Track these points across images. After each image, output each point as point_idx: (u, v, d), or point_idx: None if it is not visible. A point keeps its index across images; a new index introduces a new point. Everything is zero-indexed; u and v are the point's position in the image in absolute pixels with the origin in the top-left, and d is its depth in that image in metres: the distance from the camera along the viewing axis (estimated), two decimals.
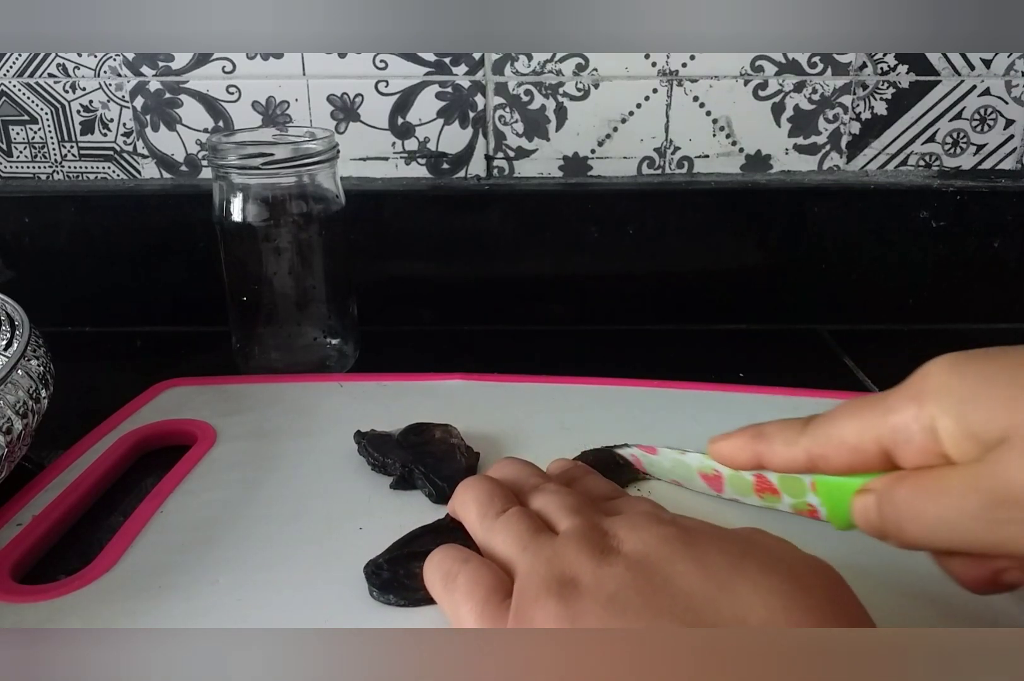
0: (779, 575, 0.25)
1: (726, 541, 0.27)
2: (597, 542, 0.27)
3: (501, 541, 0.30)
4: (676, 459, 0.38)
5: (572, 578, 0.26)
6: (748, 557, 0.25)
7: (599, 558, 0.26)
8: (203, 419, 0.46)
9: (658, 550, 0.26)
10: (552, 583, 0.26)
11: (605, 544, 0.27)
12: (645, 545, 0.27)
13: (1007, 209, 0.63)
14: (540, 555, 0.28)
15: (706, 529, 0.28)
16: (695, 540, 0.27)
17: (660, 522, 0.28)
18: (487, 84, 0.62)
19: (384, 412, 0.46)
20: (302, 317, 0.54)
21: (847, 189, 0.63)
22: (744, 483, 0.35)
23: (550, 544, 0.28)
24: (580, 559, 0.27)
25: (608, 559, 0.26)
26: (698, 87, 0.62)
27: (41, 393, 0.39)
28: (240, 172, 0.50)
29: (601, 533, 0.28)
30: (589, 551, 0.27)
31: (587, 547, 0.27)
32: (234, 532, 0.37)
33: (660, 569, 0.25)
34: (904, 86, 0.62)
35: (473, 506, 0.32)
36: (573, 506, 0.30)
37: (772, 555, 0.26)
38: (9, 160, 0.65)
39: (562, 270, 0.64)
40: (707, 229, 0.63)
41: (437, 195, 0.63)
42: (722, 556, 0.25)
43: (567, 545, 0.28)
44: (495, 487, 0.33)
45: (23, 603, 0.32)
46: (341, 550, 0.35)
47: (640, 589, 0.25)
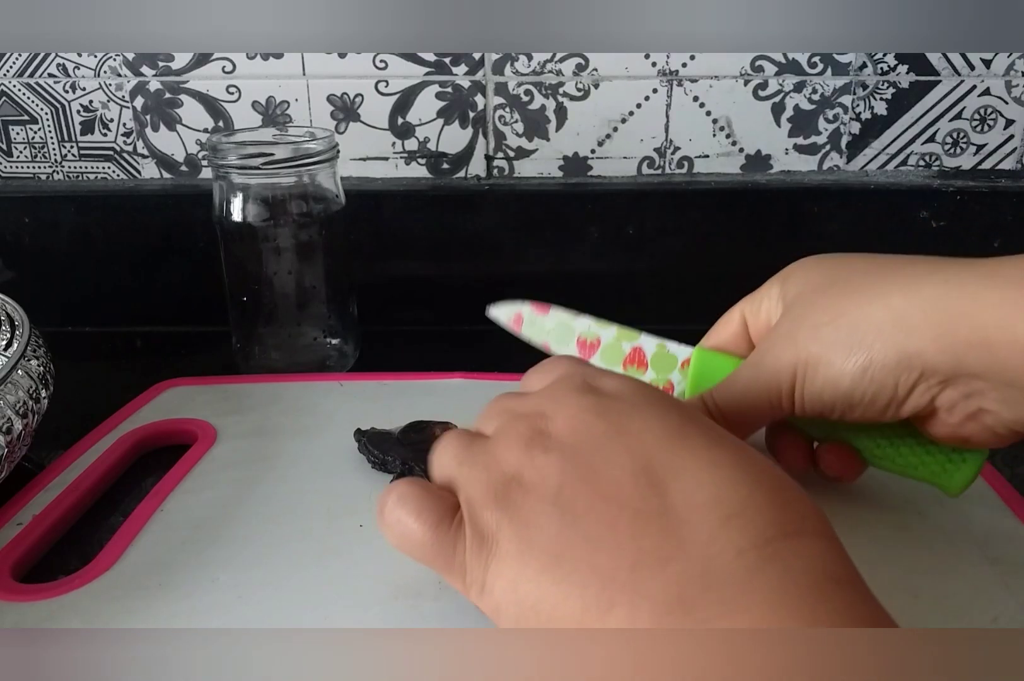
0: (722, 448, 0.24)
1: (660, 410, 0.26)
2: (525, 433, 0.26)
3: (439, 465, 0.29)
4: (563, 322, 0.37)
5: (513, 476, 0.25)
6: (688, 429, 0.25)
7: (532, 449, 0.25)
8: (203, 419, 0.46)
9: (590, 428, 0.25)
10: (495, 486, 0.25)
11: (534, 432, 0.26)
12: (575, 422, 0.25)
13: (1007, 209, 0.63)
14: (476, 463, 0.26)
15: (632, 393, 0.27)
16: (628, 410, 0.26)
17: (583, 392, 0.27)
18: (487, 84, 0.62)
19: (384, 411, 0.46)
20: (302, 317, 0.54)
21: (847, 189, 0.63)
22: (617, 354, 0.36)
23: (483, 450, 0.27)
24: (514, 455, 0.25)
25: (542, 447, 0.25)
26: (698, 87, 0.62)
27: (41, 393, 0.39)
28: (240, 172, 0.50)
29: (527, 422, 0.26)
30: (521, 445, 0.26)
31: (517, 441, 0.26)
32: (234, 530, 0.37)
33: (599, 449, 0.24)
34: (904, 86, 0.62)
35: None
36: (496, 407, 0.29)
37: (708, 425, 0.26)
38: (9, 160, 0.65)
39: (562, 270, 0.64)
40: (707, 229, 0.63)
41: (437, 195, 0.63)
42: (661, 429, 0.25)
43: (498, 444, 0.26)
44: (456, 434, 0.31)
45: (23, 602, 0.32)
46: (341, 548, 0.35)
47: (584, 477, 0.24)
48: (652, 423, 0.25)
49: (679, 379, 0.33)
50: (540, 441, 0.25)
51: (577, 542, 0.23)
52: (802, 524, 0.22)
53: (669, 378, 0.34)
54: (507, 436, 0.26)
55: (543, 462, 0.25)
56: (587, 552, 0.22)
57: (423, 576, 0.33)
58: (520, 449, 0.26)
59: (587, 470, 0.24)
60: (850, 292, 0.31)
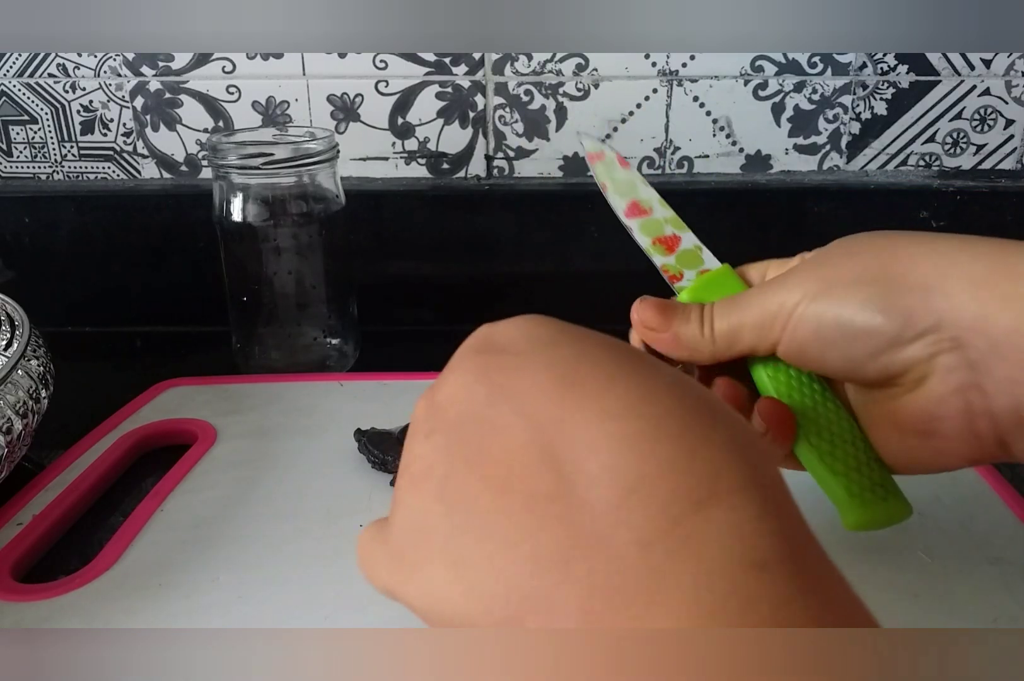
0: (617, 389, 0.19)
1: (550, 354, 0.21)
2: (417, 415, 0.23)
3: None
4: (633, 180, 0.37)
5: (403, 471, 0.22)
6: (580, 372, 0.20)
7: (416, 435, 0.22)
8: (203, 418, 0.46)
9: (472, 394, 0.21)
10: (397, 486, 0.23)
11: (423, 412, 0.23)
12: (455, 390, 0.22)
13: (1007, 209, 0.63)
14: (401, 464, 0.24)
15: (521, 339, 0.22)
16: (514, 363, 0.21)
17: (468, 352, 0.23)
18: (487, 84, 0.62)
19: (384, 411, 0.46)
20: (302, 317, 0.54)
21: (847, 189, 0.63)
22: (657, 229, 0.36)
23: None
24: (408, 444, 0.23)
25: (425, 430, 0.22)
26: (698, 87, 0.62)
27: (41, 393, 0.39)
28: (240, 172, 0.50)
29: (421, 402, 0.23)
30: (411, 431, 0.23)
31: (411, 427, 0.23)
32: (234, 530, 0.37)
33: (484, 419, 0.20)
34: (904, 86, 0.62)
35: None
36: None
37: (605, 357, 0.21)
38: (9, 160, 0.65)
39: (562, 270, 0.64)
40: (707, 229, 0.63)
41: (437, 195, 0.63)
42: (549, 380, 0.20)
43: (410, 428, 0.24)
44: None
45: (23, 602, 0.32)
46: (341, 547, 0.35)
47: (469, 458, 0.20)
48: (540, 375, 0.20)
49: (690, 277, 0.33)
50: (424, 423, 0.22)
51: (473, 543, 0.19)
52: (716, 482, 0.18)
53: (683, 271, 0.34)
54: (411, 421, 0.23)
55: (426, 449, 0.21)
56: (483, 555, 0.19)
57: None
58: (410, 436, 0.23)
59: (474, 448, 0.20)
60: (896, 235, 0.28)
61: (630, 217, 0.36)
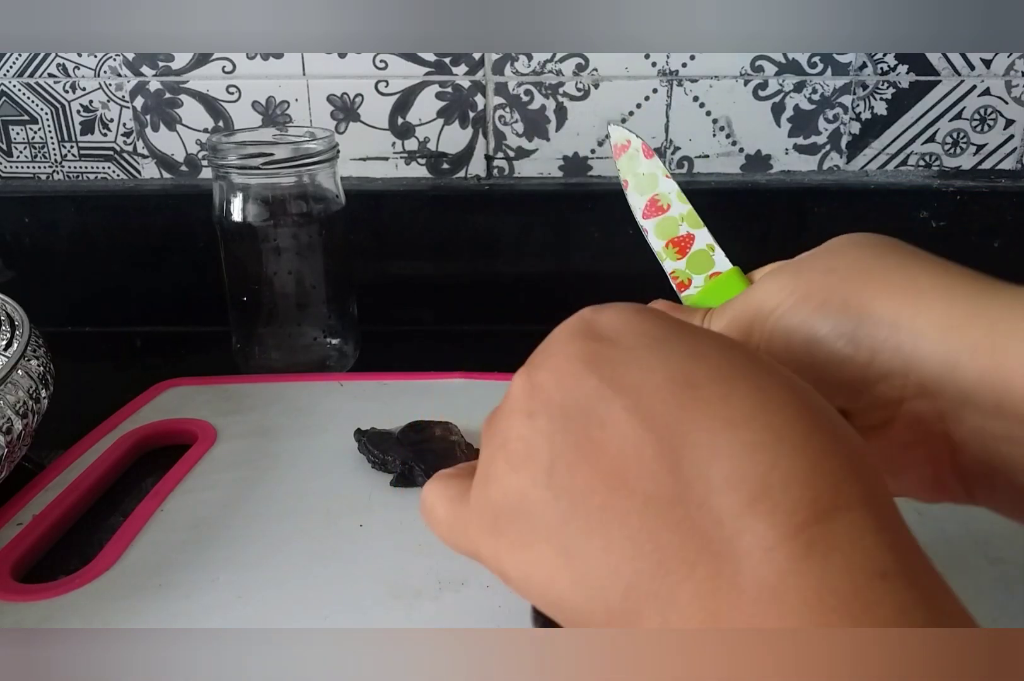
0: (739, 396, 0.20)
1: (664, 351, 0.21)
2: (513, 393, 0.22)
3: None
4: (654, 173, 0.35)
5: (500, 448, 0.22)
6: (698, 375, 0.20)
7: (515, 413, 0.22)
8: (203, 418, 0.46)
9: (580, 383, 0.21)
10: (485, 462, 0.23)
11: (521, 391, 0.22)
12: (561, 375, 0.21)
13: (1007, 209, 0.63)
14: (484, 436, 0.24)
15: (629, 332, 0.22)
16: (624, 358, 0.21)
17: (573, 335, 0.22)
18: (487, 84, 0.62)
19: (384, 411, 0.46)
20: (302, 317, 0.54)
21: (847, 189, 0.63)
22: (671, 230, 0.35)
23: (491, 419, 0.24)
24: (504, 422, 0.22)
25: (526, 411, 0.21)
26: (698, 87, 0.62)
27: (41, 393, 0.39)
28: (240, 172, 0.50)
29: (518, 380, 0.23)
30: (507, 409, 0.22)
31: (506, 404, 0.23)
32: (234, 530, 0.37)
33: (594, 411, 0.20)
34: (904, 86, 0.62)
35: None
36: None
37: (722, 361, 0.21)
38: (9, 160, 0.65)
39: (562, 270, 0.64)
40: (707, 229, 0.63)
41: (437, 195, 0.63)
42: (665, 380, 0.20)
43: (499, 409, 0.23)
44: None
45: (23, 602, 0.32)
46: (341, 547, 0.35)
47: (579, 447, 0.20)
48: (655, 373, 0.20)
49: (698, 284, 0.32)
50: (525, 402, 0.22)
51: (584, 534, 0.20)
52: (837, 497, 0.18)
53: (691, 277, 0.32)
54: (505, 399, 0.23)
55: (528, 430, 0.21)
56: (599, 548, 0.19)
57: (423, 576, 0.33)
58: (506, 414, 0.22)
59: (582, 438, 0.20)
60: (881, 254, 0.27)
61: (647, 218, 0.35)
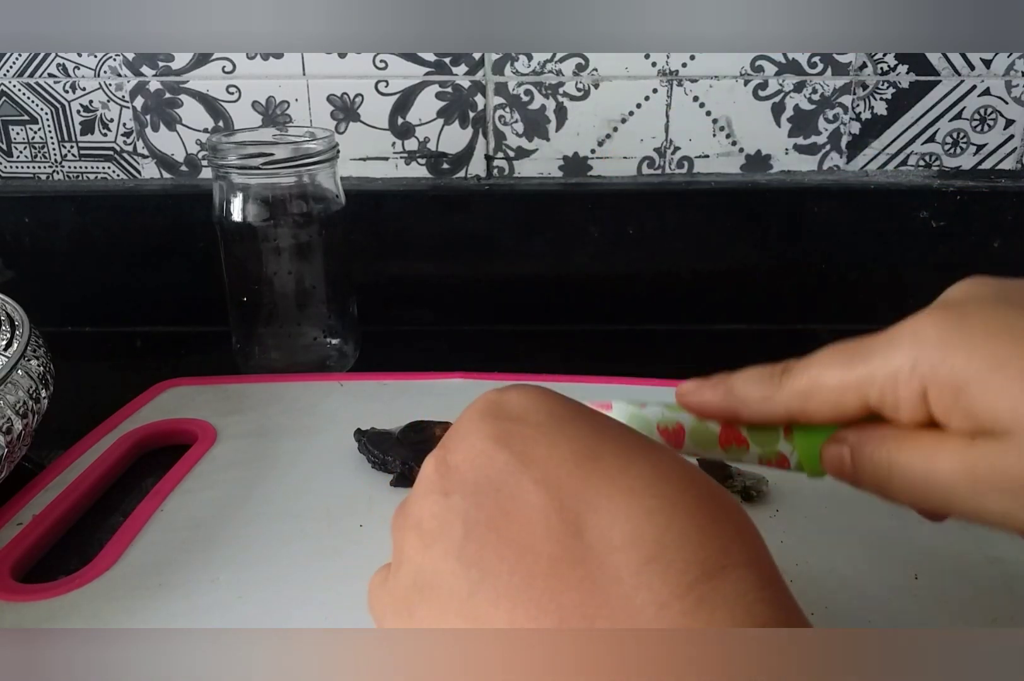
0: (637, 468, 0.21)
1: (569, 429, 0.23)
2: (427, 474, 0.24)
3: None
4: (634, 414, 0.34)
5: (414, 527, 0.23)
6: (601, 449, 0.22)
7: (431, 494, 0.23)
8: (203, 418, 0.46)
9: (492, 460, 0.22)
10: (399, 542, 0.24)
11: (435, 472, 0.23)
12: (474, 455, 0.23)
13: (1007, 209, 0.63)
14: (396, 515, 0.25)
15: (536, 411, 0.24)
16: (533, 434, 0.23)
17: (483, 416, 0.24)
18: (487, 84, 0.62)
19: (384, 411, 0.46)
20: (302, 317, 0.54)
21: (847, 189, 0.63)
22: (709, 435, 0.31)
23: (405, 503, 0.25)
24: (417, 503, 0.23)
25: (441, 490, 0.23)
26: (698, 87, 0.62)
27: (41, 393, 0.39)
28: (240, 172, 0.50)
29: (431, 460, 0.24)
30: (422, 489, 0.23)
31: (420, 485, 0.24)
32: (234, 530, 0.37)
33: (504, 485, 0.22)
34: (904, 86, 0.62)
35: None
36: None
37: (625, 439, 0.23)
38: (9, 160, 0.65)
39: (562, 270, 0.64)
40: (707, 229, 0.63)
41: (437, 195, 0.63)
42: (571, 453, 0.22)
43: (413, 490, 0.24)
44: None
45: (23, 602, 0.32)
46: (341, 547, 0.35)
47: (490, 521, 0.21)
48: (560, 448, 0.22)
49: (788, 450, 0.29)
50: (439, 483, 0.23)
51: (492, 602, 0.21)
52: (725, 557, 0.20)
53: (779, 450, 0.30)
54: (417, 483, 0.24)
55: (440, 508, 0.22)
56: (506, 612, 0.21)
57: None
58: (419, 497, 0.23)
59: (494, 511, 0.22)
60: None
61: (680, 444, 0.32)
